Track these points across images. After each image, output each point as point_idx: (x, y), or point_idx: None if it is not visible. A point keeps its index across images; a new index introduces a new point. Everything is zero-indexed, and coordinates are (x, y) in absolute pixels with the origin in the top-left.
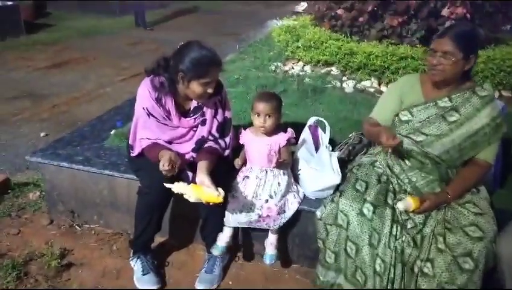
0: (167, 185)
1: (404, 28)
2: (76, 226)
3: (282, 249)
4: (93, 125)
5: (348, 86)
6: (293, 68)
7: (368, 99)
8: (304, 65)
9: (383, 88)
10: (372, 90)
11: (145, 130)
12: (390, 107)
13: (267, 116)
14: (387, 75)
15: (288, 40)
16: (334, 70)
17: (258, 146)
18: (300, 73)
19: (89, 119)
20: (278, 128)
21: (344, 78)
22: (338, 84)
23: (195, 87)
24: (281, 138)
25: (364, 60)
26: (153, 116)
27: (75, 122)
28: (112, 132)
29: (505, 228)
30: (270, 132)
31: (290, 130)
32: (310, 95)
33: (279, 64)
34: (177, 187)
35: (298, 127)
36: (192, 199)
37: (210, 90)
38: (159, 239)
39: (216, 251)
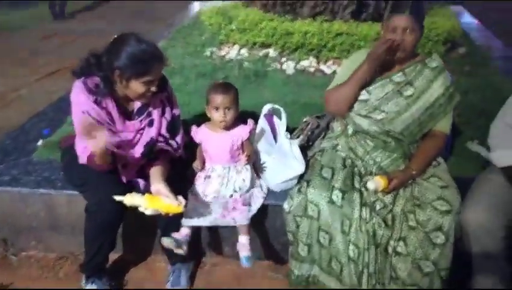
0: (117, 198)
1: (336, 3)
2: (11, 256)
3: (255, 248)
4: (15, 137)
5: (289, 67)
6: (229, 53)
7: (311, 80)
8: (240, 48)
9: (322, 67)
10: (312, 69)
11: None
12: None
13: (226, 109)
14: (325, 53)
15: (221, 22)
16: (272, 52)
17: (219, 142)
18: (238, 57)
19: (8, 130)
20: (236, 120)
21: (283, 59)
22: (278, 66)
23: (136, 86)
24: (243, 131)
25: (301, 40)
26: (96, 120)
27: None
28: (40, 143)
29: (466, 196)
30: (228, 127)
31: (250, 121)
32: (252, 80)
33: (214, 49)
34: (130, 199)
35: (247, 116)
36: (148, 212)
37: (153, 89)
38: (112, 256)
39: (167, 241)
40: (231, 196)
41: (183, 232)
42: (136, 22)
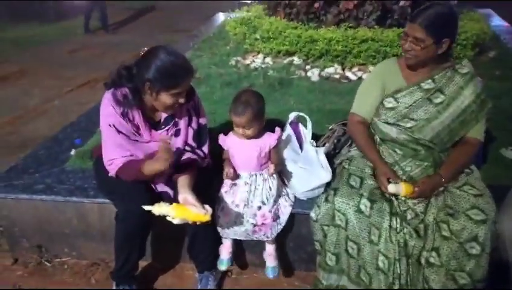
0: (146, 208)
1: (360, 10)
2: (45, 263)
3: (281, 257)
4: (48, 147)
5: (313, 74)
6: (254, 61)
7: (336, 86)
8: (265, 57)
9: (348, 73)
10: (337, 76)
11: (116, 149)
12: (372, 99)
13: (244, 128)
14: (350, 59)
15: (245, 32)
16: (296, 59)
17: (246, 150)
18: (263, 66)
19: (41, 140)
20: (263, 128)
21: (307, 66)
22: (303, 73)
23: (165, 98)
24: (270, 139)
25: (325, 47)
26: (122, 133)
27: (25, 144)
28: (72, 152)
29: (503, 205)
30: (257, 134)
31: (278, 129)
32: (277, 88)
33: (239, 58)
34: (158, 209)
35: (272, 124)
36: (176, 221)
37: (181, 101)
38: (141, 263)
39: (222, 265)
40: (259, 207)
41: (227, 249)
42: (163, 34)
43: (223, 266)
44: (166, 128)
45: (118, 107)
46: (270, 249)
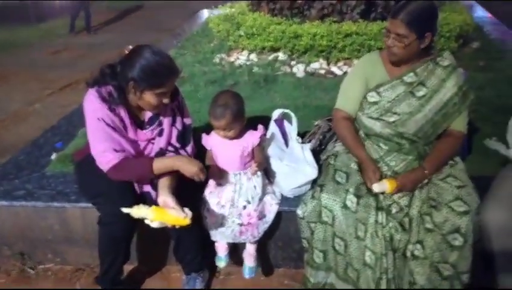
0: (125, 210)
1: (344, 4)
2: (29, 270)
3: (263, 256)
4: (28, 152)
5: (299, 70)
6: (238, 58)
7: (321, 82)
8: (249, 54)
9: (333, 68)
10: (322, 71)
11: (106, 142)
12: (356, 94)
13: (224, 130)
14: (335, 54)
15: (229, 29)
16: (281, 55)
17: (229, 149)
18: (247, 62)
19: (22, 145)
20: (246, 126)
21: (292, 62)
22: (288, 69)
23: (149, 98)
24: (253, 137)
25: (310, 42)
26: (111, 126)
27: (6, 149)
28: (53, 156)
29: (486, 196)
30: (239, 133)
31: (260, 126)
32: (262, 85)
33: (223, 55)
34: (137, 211)
35: (258, 121)
36: (155, 224)
37: (166, 101)
38: (126, 267)
39: (221, 262)
40: (244, 207)
41: (222, 247)
42: (146, 33)
43: (222, 263)
44: (151, 128)
45: (104, 103)
46: (250, 249)
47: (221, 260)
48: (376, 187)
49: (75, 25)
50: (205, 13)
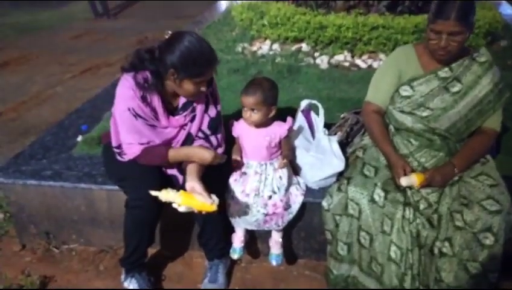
0: (153, 193)
1: None
2: (53, 249)
3: (287, 245)
4: (54, 133)
5: (322, 61)
6: (261, 48)
7: (345, 74)
8: (272, 43)
9: (357, 61)
10: (346, 64)
11: (134, 134)
12: (388, 86)
13: (251, 111)
14: (360, 46)
15: (252, 17)
16: (305, 46)
17: (255, 139)
18: (270, 52)
19: (44, 126)
20: (274, 117)
21: (316, 54)
22: (311, 61)
23: (188, 86)
24: (281, 129)
25: (335, 33)
26: (140, 117)
27: (29, 130)
28: (79, 139)
29: None
30: (265, 124)
31: (289, 118)
32: (286, 76)
33: (245, 45)
34: (165, 195)
35: (282, 112)
36: (182, 209)
37: (203, 89)
38: (150, 251)
39: (235, 254)
40: (270, 197)
41: (239, 238)
42: (165, 19)
43: (235, 255)
44: (184, 114)
45: (138, 90)
46: (276, 237)
47: (235, 251)
48: (404, 181)
49: (101, 9)
50: (227, 1)
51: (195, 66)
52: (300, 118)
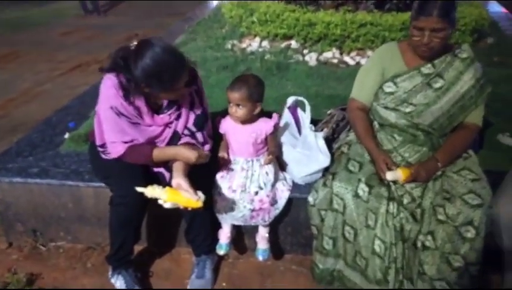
0: (139, 189)
1: None
2: (40, 246)
3: (273, 240)
4: (42, 131)
5: (311, 58)
6: (250, 45)
7: (334, 71)
8: (262, 40)
9: (346, 58)
10: (335, 61)
11: (117, 133)
12: (372, 83)
13: (237, 106)
14: (348, 44)
15: (242, 15)
16: (294, 43)
17: (242, 135)
18: (260, 49)
19: (32, 124)
20: (260, 113)
21: (305, 50)
22: (300, 58)
23: (164, 95)
24: (267, 126)
25: (324, 31)
26: (123, 115)
27: (16, 127)
28: (66, 136)
29: (498, 190)
30: (250, 120)
31: (275, 115)
32: (274, 73)
33: (235, 42)
34: (151, 192)
35: (270, 109)
36: (167, 205)
37: (182, 91)
38: (137, 248)
39: (221, 250)
40: (256, 193)
41: (225, 234)
42: (156, 16)
43: (222, 251)
44: (169, 112)
45: (120, 90)
46: (262, 232)
47: (222, 247)
48: (389, 175)
49: (92, 7)
50: None
51: (161, 82)
52: (286, 115)
